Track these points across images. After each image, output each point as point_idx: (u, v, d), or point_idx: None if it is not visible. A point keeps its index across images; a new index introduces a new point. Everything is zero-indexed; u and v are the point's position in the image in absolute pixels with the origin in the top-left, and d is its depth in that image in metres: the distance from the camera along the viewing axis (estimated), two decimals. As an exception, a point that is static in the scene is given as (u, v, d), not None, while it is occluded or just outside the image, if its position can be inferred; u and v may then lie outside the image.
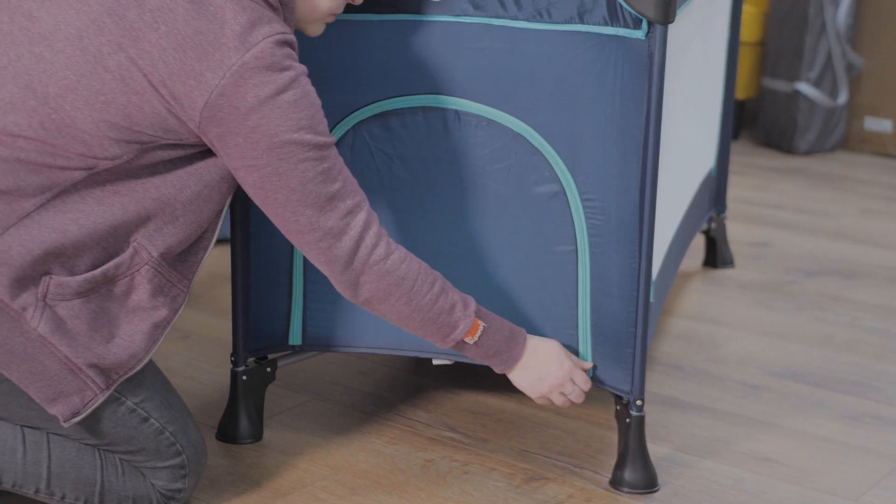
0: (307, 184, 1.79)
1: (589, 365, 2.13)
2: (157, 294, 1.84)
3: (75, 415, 1.78)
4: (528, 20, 2.02)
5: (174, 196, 1.81)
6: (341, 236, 1.84)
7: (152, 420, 1.88)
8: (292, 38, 1.80)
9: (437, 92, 2.09)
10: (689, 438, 2.36)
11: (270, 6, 1.80)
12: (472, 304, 1.96)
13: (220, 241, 3.38)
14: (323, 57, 2.12)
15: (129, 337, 1.81)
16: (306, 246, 1.85)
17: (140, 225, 1.80)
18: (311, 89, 1.80)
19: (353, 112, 2.14)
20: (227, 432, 2.29)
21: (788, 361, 2.72)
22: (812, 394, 2.57)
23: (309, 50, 2.12)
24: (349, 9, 2.06)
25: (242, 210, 2.20)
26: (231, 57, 1.72)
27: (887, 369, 2.69)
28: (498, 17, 2.03)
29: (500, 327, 2.00)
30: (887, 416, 2.47)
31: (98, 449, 1.89)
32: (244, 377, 2.26)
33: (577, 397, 2.10)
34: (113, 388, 1.80)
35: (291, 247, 2.21)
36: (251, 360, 2.28)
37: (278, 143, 1.76)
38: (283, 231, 1.85)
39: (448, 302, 1.93)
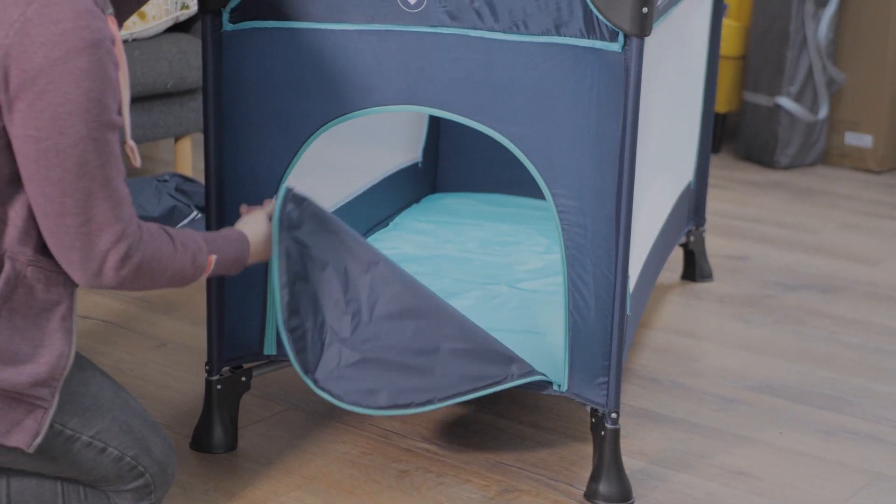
0: (84, 165, 1.64)
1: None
2: (50, 288, 1.75)
3: (36, 436, 1.72)
4: (504, 31, 2.02)
5: (20, 195, 1.70)
6: (105, 227, 1.68)
7: (111, 449, 1.83)
8: None
9: (414, 102, 2.09)
10: (665, 451, 2.35)
11: None
12: (203, 246, 1.87)
13: (198, 250, 3.37)
14: (300, 67, 2.12)
15: (49, 340, 1.75)
16: (64, 229, 1.67)
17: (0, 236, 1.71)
18: (112, 59, 1.64)
19: (329, 122, 2.13)
20: (201, 441, 2.28)
21: (765, 375, 2.72)
22: (788, 408, 2.57)
23: (286, 59, 2.11)
24: (324, 18, 2.05)
25: (217, 217, 2.19)
26: (12, 13, 1.57)
27: (863, 384, 2.70)
28: (475, 28, 2.03)
29: (228, 245, 1.93)
30: (863, 430, 2.48)
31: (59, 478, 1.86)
32: (219, 386, 2.25)
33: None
34: (58, 392, 1.74)
35: (266, 256, 2.20)
36: (226, 369, 2.27)
37: (64, 115, 1.60)
38: (39, 211, 1.68)
39: (188, 258, 1.83)
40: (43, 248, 1.74)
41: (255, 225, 2.03)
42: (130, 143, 1.83)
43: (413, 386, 2.06)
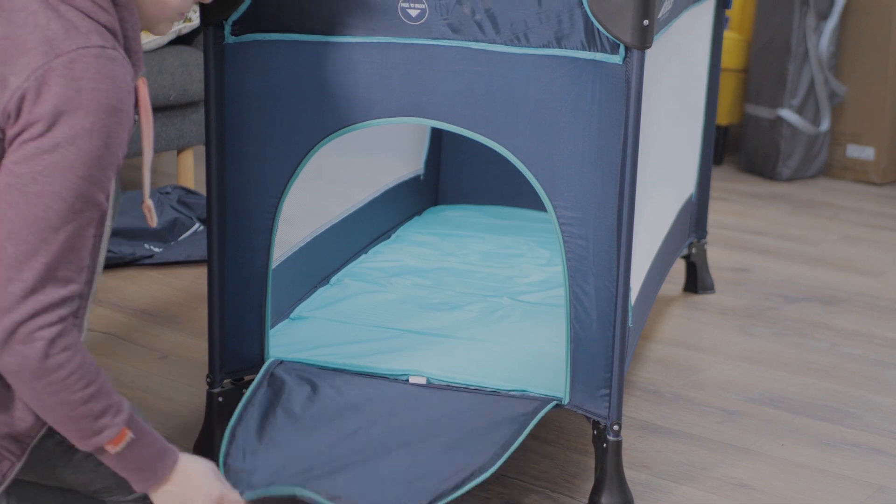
0: (40, 223, 1.55)
1: (236, 495, 1.83)
2: None
3: None
4: (505, 44, 2.02)
5: None
6: (33, 293, 1.56)
7: None
8: (115, 54, 1.61)
9: (416, 115, 2.09)
10: (666, 464, 2.35)
11: (98, 8, 1.63)
12: (125, 412, 1.66)
13: (197, 262, 3.37)
14: (302, 79, 2.12)
15: None
16: None
17: None
18: (120, 133, 1.60)
19: (330, 134, 2.14)
20: (202, 453, 2.28)
21: (767, 387, 2.72)
22: (790, 420, 2.56)
23: (288, 72, 2.12)
24: (326, 31, 2.06)
25: (219, 231, 2.19)
26: (37, 61, 1.57)
27: (865, 396, 2.70)
28: (476, 40, 2.03)
29: (152, 442, 1.72)
30: (864, 442, 2.47)
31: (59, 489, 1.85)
32: (220, 398, 2.25)
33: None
34: (27, 452, 1.68)
35: (266, 267, 2.21)
36: (227, 381, 2.28)
37: (48, 162, 1.55)
38: None
39: (100, 405, 1.63)
40: None
41: (192, 463, 1.79)
42: (148, 202, 1.79)
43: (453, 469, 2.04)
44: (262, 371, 2.20)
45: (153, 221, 1.79)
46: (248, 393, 2.14)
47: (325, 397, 2.15)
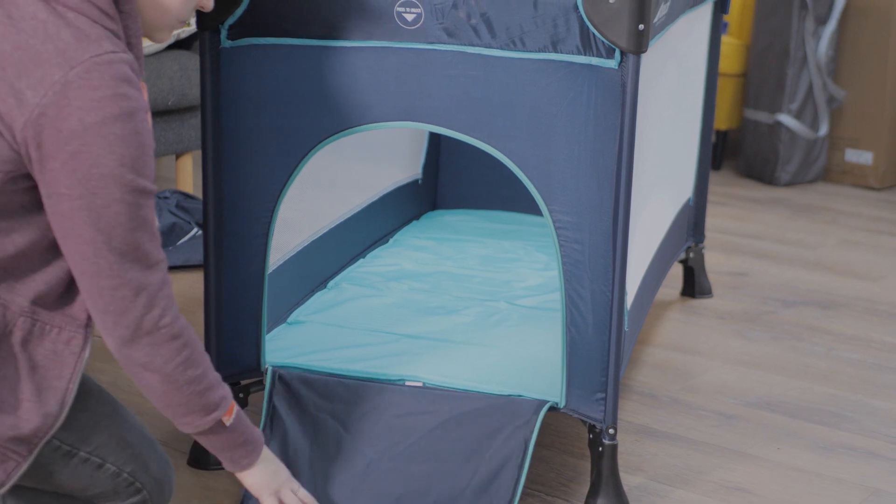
0: (117, 227, 1.63)
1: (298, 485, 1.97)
2: (46, 344, 1.69)
3: (1, 486, 1.69)
4: (501, 48, 2.03)
5: (32, 244, 1.67)
6: (140, 291, 1.66)
7: (108, 465, 1.80)
8: (127, 57, 1.63)
9: (411, 119, 2.10)
10: (663, 468, 2.35)
11: (105, 16, 1.65)
12: (228, 392, 1.80)
13: (194, 267, 3.38)
14: (298, 83, 2.12)
15: (37, 398, 1.69)
16: (98, 291, 1.65)
17: None
18: (146, 128, 1.64)
19: (327, 138, 2.14)
20: (198, 458, 2.28)
21: (764, 391, 2.72)
22: (786, 424, 2.57)
23: (284, 76, 2.12)
24: (322, 35, 2.06)
25: (215, 235, 2.20)
26: (53, 74, 1.58)
27: (862, 400, 2.70)
28: (472, 45, 2.04)
29: (246, 419, 1.85)
30: (861, 446, 2.48)
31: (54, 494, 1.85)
32: (217, 403, 2.26)
33: (305, 496, 1.96)
34: (35, 452, 1.70)
35: (263, 272, 2.21)
36: (224, 385, 2.28)
37: (96, 176, 1.60)
38: (76, 270, 1.66)
39: (215, 377, 1.77)
40: (45, 301, 1.69)
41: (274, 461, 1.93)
42: None
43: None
44: (265, 406, 2.20)
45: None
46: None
47: (325, 431, 2.17)
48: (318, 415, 2.18)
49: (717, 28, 3.15)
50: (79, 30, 1.61)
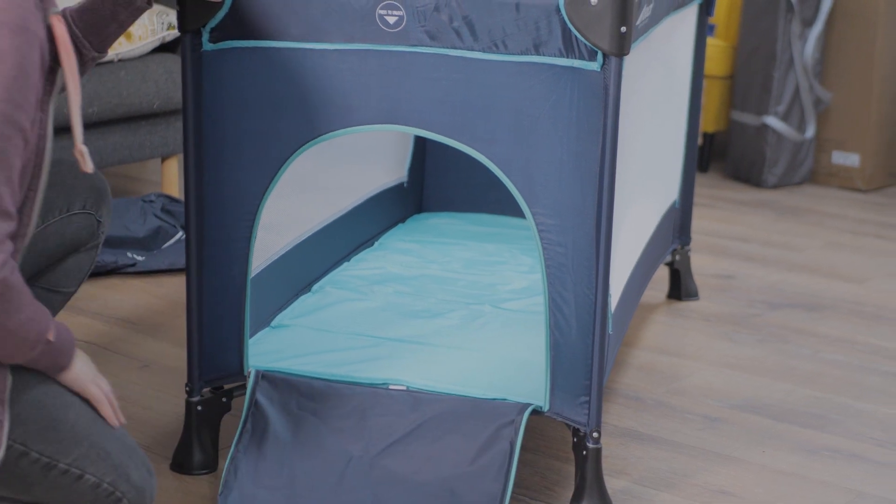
0: None
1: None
2: None
3: None
4: (484, 51, 2.02)
5: None
6: None
7: (87, 475, 1.78)
8: None
9: (394, 122, 2.09)
10: (647, 471, 2.35)
11: None
12: (47, 314, 1.74)
13: (180, 271, 3.36)
14: (280, 86, 2.12)
15: None
16: None
17: None
18: (35, 55, 1.54)
19: (309, 141, 2.13)
20: (181, 463, 2.27)
21: (749, 394, 2.72)
22: (771, 427, 2.56)
23: (266, 79, 2.11)
24: (304, 38, 2.06)
25: (197, 239, 2.19)
26: None
27: (846, 402, 2.69)
28: (454, 47, 2.03)
29: (61, 325, 1.78)
30: (845, 449, 2.47)
31: None
32: (199, 407, 2.25)
33: (109, 390, 1.87)
34: (6, 406, 1.69)
35: (245, 276, 2.20)
36: (206, 390, 2.27)
37: None
38: None
39: (41, 310, 1.70)
40: None
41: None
42: (81, 147, 1.74)
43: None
44: (246, 401, 2.19)
45: (87, 166, 1.74)
46: (237, 433, 2.15)
47: (306, 428, 2.16)
48: (299, 412, 2.17)
49: (703, 30, 3.15)
50: None
